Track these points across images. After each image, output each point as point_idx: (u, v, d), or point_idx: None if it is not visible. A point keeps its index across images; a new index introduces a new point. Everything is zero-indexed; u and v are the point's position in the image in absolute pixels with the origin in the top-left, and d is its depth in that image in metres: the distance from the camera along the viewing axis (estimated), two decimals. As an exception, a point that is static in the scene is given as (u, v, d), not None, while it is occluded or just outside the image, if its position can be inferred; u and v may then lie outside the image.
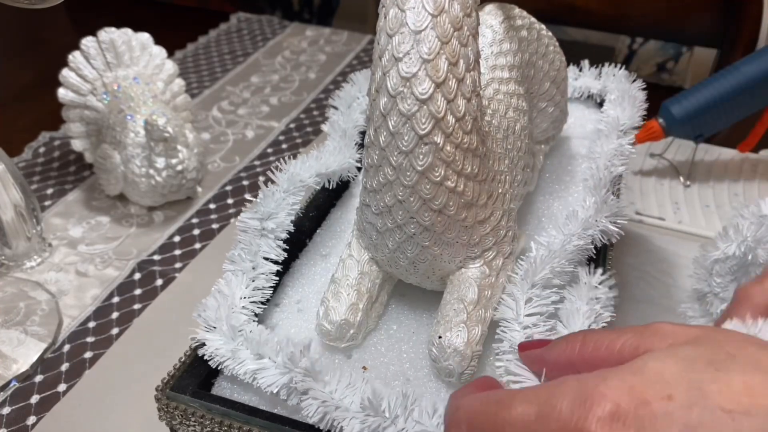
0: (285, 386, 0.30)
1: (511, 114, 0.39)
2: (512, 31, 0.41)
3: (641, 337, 0.23)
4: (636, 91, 0.50)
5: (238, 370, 0.32)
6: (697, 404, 0.19)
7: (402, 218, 0.32)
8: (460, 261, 0.34)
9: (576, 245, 0.35)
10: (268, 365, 0.31)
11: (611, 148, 0.43)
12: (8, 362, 0.47)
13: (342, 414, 0.28)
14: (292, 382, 0.30)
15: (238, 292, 0.35)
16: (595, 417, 0.20)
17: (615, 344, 0.23)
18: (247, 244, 0.37)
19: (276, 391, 0.30)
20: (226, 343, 0.32)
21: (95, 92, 0.61)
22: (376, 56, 0.30)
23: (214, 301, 0.34)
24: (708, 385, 0.20)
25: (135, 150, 0.58)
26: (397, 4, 0.29)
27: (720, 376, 0.20)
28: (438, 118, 0.29)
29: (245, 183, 0.66)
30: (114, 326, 0.50)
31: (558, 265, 0.34)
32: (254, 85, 0.84)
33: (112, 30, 0.62)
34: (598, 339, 0.24)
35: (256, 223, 0.38)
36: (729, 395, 0.19)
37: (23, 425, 0.43)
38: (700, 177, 0.64)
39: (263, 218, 0.38)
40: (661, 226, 0.59)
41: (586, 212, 0.37)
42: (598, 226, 0.36)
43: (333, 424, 0.29)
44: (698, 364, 0.20)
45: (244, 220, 0.38)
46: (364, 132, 0.40)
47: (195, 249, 0.58)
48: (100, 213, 0.62)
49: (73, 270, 0.56)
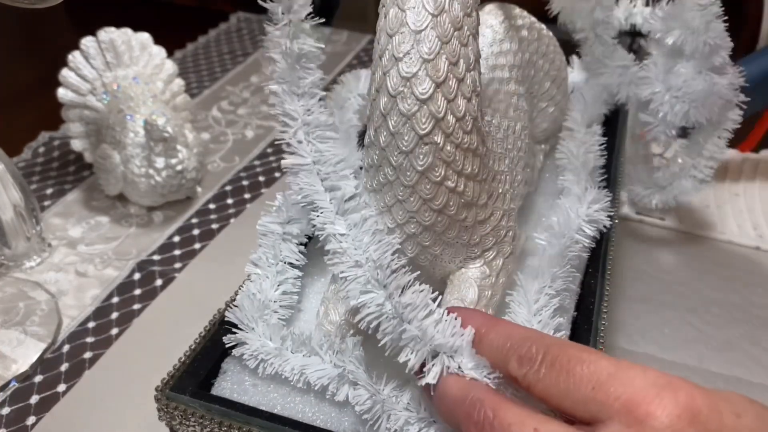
0: (334, 379, 0.31)
1: (512, 114, 0.39)
2: (512, 30, 0.41)
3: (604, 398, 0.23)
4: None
5: (283, 368, 0.32)
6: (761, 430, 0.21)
7: (402, 218, 0.32)
8: (460, 261, 0.34)
9: (570, 238, 0.36)
10: (315, 361, 0.32)
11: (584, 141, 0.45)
12: (8, 362, 0.47)
13: (390, 406, 0.30)
14: (345, 371, 0.31)
15: (269, 294, 0.36)
16: (673, 400, 0.21)
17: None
18: (269, 248, 0.38)
19: (326, 384, 0.31)
20: (264, 344, 0.33)
21: (95, 92, 0.61)
22: (376, 56, 0.30)
23: (249, 302, 0.35)
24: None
25: (134, 150, 0.58)
26: (397, 3, 0.29)
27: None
28: (438, 118, 0.29)
29: (245, 183, 0.66)
30: (114, 326, 0.50)
31: (559, 268, 0.35)
32: (254, 85, 0.84)
33: (111, 30, 0.62)
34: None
35: (278, 228, 0.38)
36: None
37: (23, 425, 0.43)
38: (700, 177, 0.64)
39: (284, 222, 0.38)
40: (661, 226, 0.59)
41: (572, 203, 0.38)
42: (583, 218, 0.37)
43: (381, 416, 0.30)
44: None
45: (265, 224, 0.38)
46: (362, 132, 0.40)
47: (195, 249, 0.58)
48: (99, 213, 0.62)
49: (73, 270, 0.55)
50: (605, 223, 0.39)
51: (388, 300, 0.28)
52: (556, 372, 0.23)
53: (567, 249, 0.36)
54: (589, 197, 0.39)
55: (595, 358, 0.23)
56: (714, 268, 0.55)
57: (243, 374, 0.33)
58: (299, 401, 0.32)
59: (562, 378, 0.23)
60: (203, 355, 0.34)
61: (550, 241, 0.37)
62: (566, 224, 0.37)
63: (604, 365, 0.23)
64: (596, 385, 0.22)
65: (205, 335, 0.35)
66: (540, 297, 0.34)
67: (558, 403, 0.23)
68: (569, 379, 0.23)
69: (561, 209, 0.39)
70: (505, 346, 0.26)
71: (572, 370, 0.23)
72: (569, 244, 0.36)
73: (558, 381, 0.23)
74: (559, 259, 0.35)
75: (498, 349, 0.26)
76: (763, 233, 0.58)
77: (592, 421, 0.22)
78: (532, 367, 0.24)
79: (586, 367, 0.23)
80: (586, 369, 0.23)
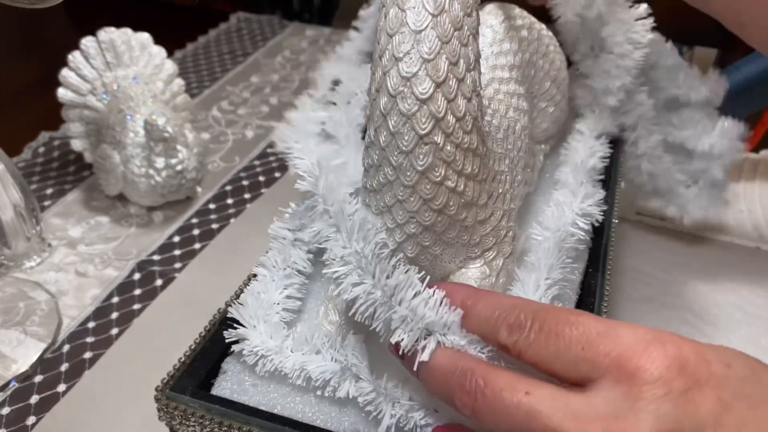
0: (336, 374, 0.31)
1: (512, 114, 0.39)
2: (512, 30, 0.41)
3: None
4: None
5: (283, 364, 0.32)
6: (750, 380, 0.22)
7: (402, 218, 0.32)
8: (460, 261, 0.34)
9: (565, 231, 0.37)
10: (316, 358, 0.32)
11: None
12: (8, 362, 0.47)
13: (395, 395, 0.30)
14: (348, 365, 0.31)
15: (274, 296, 0.36)
16: (662, 352, 0.21)
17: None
18: (279, 252, 0.38)
19: (328, 379, 0.31)
20: (265, 341, 0.33)
21: (95, 92, 0.61)
22: (376, 56, 0.30)
23: (254, 300, 0.35)
24: (762, 374, 0.22)
25: (134, 150, 0.58)
26: (397, 3, 0.29)
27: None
28: (438, 118, 0.29)
29: (245, 183, 0.66)
30: (114, 326, 0.50)
31: (555, 259, 0.35)
32: (254, 85, 0.84)
33: (111, 30, 0.62)
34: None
35: (289, 234, 0.38)
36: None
37: (23, 425, 0.43)
38: (700, 177, 0.64)
39: (296, 229, 0.39)
40: (661, 226, 0.59)
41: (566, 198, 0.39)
42: (576, 212, 0.38)
43: (384, 407, 0.30)
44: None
45: (276, 229, 0.39)
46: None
47: (195, 249, 0.58)
48: (99, 213, 0.62)
49: (73, 270, 0.55)
50: (598, 217, 0.39)
51: (377, 287, 0.28)
52: (545, 336, 0.23)
53: (562, 241, 0.36)
54: (583, 191, 0.39)
55: (584, 319, 0.23)
56: (714, 268, 0.55)
57: (243, 374, 0.33)
58: (299, 401, 0.32)
59: (551, 341, 0.23)
60: (203, 355, 0.34)
61: (544, 235, 0.37)
62: (560, 218, 0.38)
63: (593, 325, 0.23)
64: (586, 345, 0.23)
65: (205, 335, 0.35)
66: (537, 289, 0.34)
67: (549, 367, 0.23)
68: (559, 342, 0.23)
69: (555, 202, 0.39)
70: (494, 315, 0.26)
71: (561, 332, 0.23)
72: (564, 236, 0.37)
73: (548, 344, 0.23)
74: (555, 251, 0.36)
75: (486, 320, 0.26)
76: (763, 233, 0.58)
77: (583, 382, 0.23)
78: (522, 333, 0.24)
79: (575, 328, 0.23)
80: (575, 330, 0.23)
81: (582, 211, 0.38)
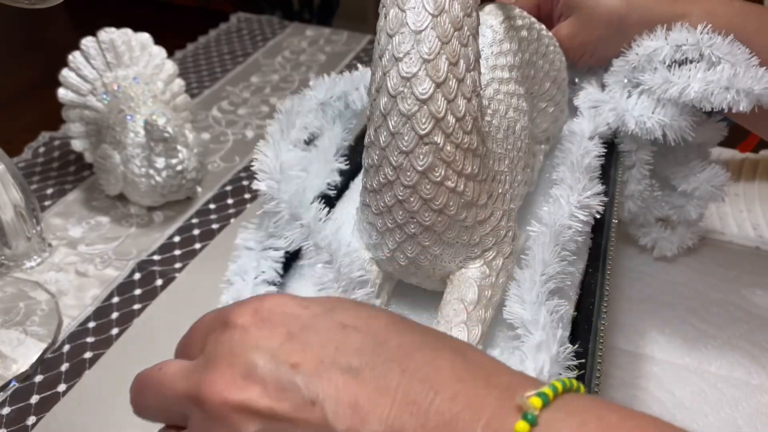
0: None
1: (512, 114, 0.39)
2: (512, 31, 0.41)
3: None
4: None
5: None
6: (321, 316, 0.25)
7: (402, 218, 0.32)
8: (460, 261, 0.34)
9: (562, 225, 0.37)
10: None
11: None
12: (8, 362, 0.47)
13: None
14: None
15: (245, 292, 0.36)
16: (239, 312, 0.25)
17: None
18: (248, 261, 0.38)
19: None
20: None
21: (95, 92, 0.61)
22: (376, 56, 0.30)
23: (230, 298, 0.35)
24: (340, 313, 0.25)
25: (135, 150, 0.58)
26: (397, 4, 0.29)
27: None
28: (438, 118, 0.29)
29: (245, 183, 0.66)
30: (114, 326, 0.50)
31: (551, 254, 0.35)
32: (254, 85, 0.84)
33: (112, 30, 0.62)
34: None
35: (256, 244, 0.39)
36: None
37: (23, 425, 0.43)
38: (700, 177, 0.64)
39: (262, 239, 0.39)
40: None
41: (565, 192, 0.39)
42: (574, 204, 0.38)
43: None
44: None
45: (243, 239, 0.39)
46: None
47: (195, 249, 0.58)
48: (99, 213, 0.62)
49: (73, 270, 0.56)
50: (598, 209, 0.39)
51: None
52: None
53: (559, 235, 0.36)
54: (581, 185, 0.39)
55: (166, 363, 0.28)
56: (714, 268, 0.55)
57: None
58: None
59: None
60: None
61: (541, 230, 0.37)
62: (557, 212, 0.37)
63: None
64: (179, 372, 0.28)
65: (205, 335, 0.35)
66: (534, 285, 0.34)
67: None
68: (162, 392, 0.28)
69: (552, 198, 0.39)
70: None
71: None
72: (561, 230, 0.36)
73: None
74: (551, 246, 0.36)
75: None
76: (763, 233, 0.58)
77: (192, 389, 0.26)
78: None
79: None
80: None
81: (580, 203, 0.38)
